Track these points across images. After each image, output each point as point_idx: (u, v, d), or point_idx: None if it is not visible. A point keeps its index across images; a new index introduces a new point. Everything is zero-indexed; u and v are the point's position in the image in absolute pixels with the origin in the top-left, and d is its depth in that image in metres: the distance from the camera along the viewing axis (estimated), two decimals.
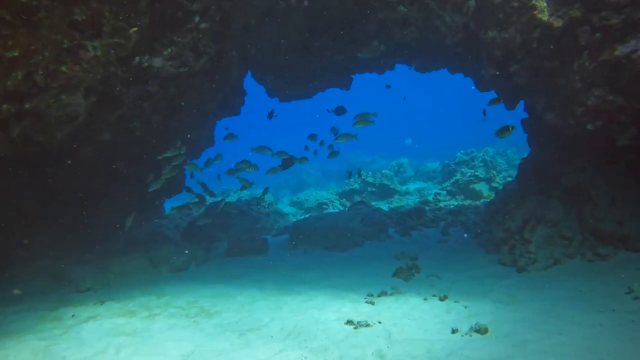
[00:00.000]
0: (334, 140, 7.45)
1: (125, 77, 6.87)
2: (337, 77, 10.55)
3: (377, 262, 8.62)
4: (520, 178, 9.14)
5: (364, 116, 7.24)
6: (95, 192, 8.91)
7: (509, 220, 7.84)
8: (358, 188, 17.85)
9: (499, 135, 6.16)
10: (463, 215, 11.64)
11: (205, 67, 7.65)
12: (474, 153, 17.84)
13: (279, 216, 15.85)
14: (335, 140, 7.40)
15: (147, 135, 8.17)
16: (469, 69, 8.92)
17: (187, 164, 8.10)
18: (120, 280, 7.53)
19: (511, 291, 6.29)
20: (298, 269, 8.44)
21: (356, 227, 10.74)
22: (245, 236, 10.68)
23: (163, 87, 7.56)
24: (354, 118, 7.36)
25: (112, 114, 7.38)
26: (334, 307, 5.96)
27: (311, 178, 29.06)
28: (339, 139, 7.35)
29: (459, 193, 14.77)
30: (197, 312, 5.69)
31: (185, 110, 8.40)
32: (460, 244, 9.42)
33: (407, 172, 21.90)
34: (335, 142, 7.41)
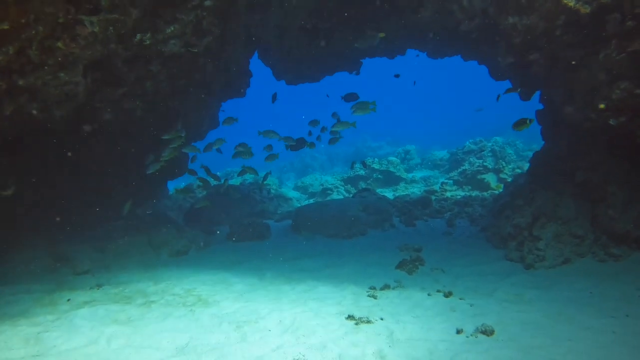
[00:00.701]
0: (331, 128, 7.20)
1: (126, 55, 6.57)
2: (346, 61, 10.16)
3: (380, 252, 8.41)
4: (532, 172, 8.81)
5: (363, 105, 6.95)
6: (96, 171, 8.72)
7: (518, 216, 7.56)
8: (363, 174, 17.57)
9: (516, 128, 5.83)
10: (469, 206, 11.36)
11: (209, 46, 7.31)
12: (482, 143, 17.43)
13: (283, 200, 15.65)
14: (333, 128, 7.16)
15: (148, 115, 7.91)
16: (483, 57, 8.50)
17: (187, 146, 7.84)
18: (119, 262, 7.38)
19: (518, 290, 6.05)
20: (299, 256, 8.26)
21: (360, 215, 10.51)
22: (247, 221, 10.50)
23: (166, 67, 7.26)
24: (352, 107, 7.04)
25: (113, 93, 7.10)
26: (334, 299, 5.77)
27: (317, 162, 28.77)
28: (336, 127, 7.10)
29: (466, 183, 14.45)
30: (194, 300, 5.51)
31: (188, 90, 8.10)
32: (465, 237, 9.17)
33: (413, 159, 21.55)
34: (333, 129, 7.15)
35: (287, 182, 23.79)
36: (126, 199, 10.20)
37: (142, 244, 8.02)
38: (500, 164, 14.37)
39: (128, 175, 9.21)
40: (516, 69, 6.85)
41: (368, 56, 10.60)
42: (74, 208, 8.73)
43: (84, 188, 8.65)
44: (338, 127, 7.09)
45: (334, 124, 7.15)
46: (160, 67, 7.20)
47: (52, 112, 6.43)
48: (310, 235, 10.11)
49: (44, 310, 5.18)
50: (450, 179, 15.22)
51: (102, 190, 9.01)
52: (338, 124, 7.11)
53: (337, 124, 7.11)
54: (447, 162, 18.91)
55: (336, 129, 7.10)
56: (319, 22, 8.51)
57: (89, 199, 8.71)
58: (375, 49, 10.32)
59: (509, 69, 6.92)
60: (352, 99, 7.85)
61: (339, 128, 7.08)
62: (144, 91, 7.45)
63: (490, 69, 8.53)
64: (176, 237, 8.40)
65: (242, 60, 8.86)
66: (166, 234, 8.33)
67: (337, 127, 7.10)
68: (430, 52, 10.57)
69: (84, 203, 8.72)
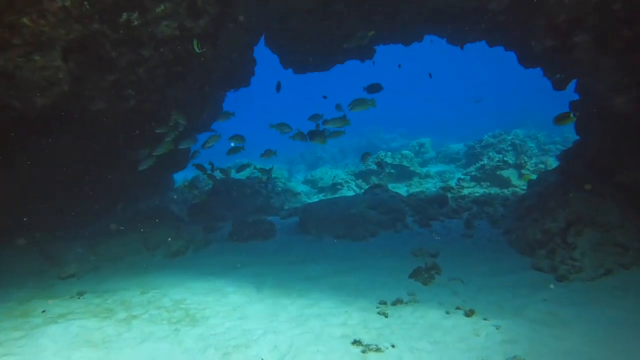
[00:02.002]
0: (323, 125, 6.54)
1: (114, 38, 5.85)
2: (358, 48, 9.27)
3: (392, 257, 7.62)
4: (564, 170, 7.88)
5: (362, 101, 6.33)
6: (93, 165, 8.11)
7: (549, 220, 6.68)
8: (375, 169, 16.71)
9: (558, 122, 4.97)
10: (490, 206, 10.45)
11: (206, 30, 6.55)
12: (502, 135, 16.38)
13: (291, 195, 14.94)
14: (324, 124, 6.50)
15: (143, 104, 7.21)
16: (512, 41, 7.55)
17: (185, 141, 7.13)
18: (109, 264, 6.76)
19: (552, 307, 5.21)
20: (304, 260, 7.53)
21: (371, 215, 9.72)
22: (251, 219, 9.80)
23: (159, 52, 6.52)
24: (349, 104, 6.41)
25: (104, 80, 6.41)
26: (339, 317, 5.02)
27: (327, 154, 27.95)
28: (328, 124, 6.44)
29: (485, 179, 13.50)
30: (181, 316, 4.83)
31: (185, 78, 7.36)
32: (486, 240, 8.31)
33: (428, 152, 20.57)
34: (325, 126, 6.50)
35: (297, 174, 23.06)
36: (125, 193, 9.61)
37: (135, 245, 7.38)
38: (521, 158, 13.37)
39: (125, 169, 8.59)
40: (554, 54, 5.91)
41: (382, 43, 9.70)
42: (70, 204, 8.15)
43: (79, 183, 8.04)
44: (330, 124, 6.42)
45: (325, 121, 6.51)
46: (153, 52, 6.47)
47: (32, 100, 5.78)
48: (317, 236, 9.36)
49: (12, 324, 4.56)
50: (467, 175, 14.27)
51: (99, 185, 8.40)
52: (330, 121, 6.45)
53: (330, 121, 6.45)
54: (463, 156, 17.92)
55: (328, 126, 6.43)
56: (328, 4, 7.65)
57: (85, 195, 8.12)
58: (390, 35, 9.41)
59: (544, 54, 5.99)
60: (375, 90, 7.17)
61: (331, 125, 6.41)
62: (137, 78, 6.74)
63: (520, 55, 7.58)
64: (173, 237, 7.74)
65: (246, 46, 8.07)
66: (163, 234, 7.69)
67: (329, 124, 6.43)
68: (450, 38, 9.61)
69: (79, 199, 8.13)
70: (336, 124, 6.42)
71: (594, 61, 5.37)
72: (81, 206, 8.09)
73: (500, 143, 15.76)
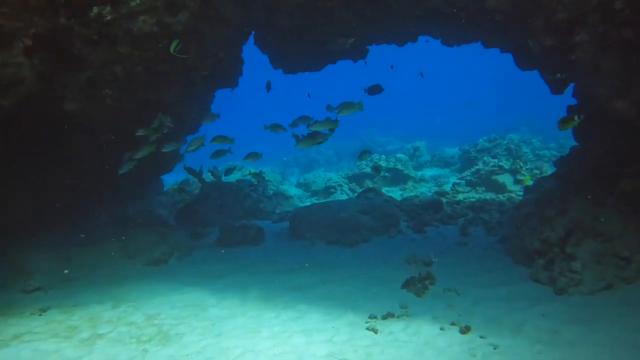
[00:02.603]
0: (308, 127, 6.25)
1: (86, 34, 5.47)
2: (351, 47, 8.92)
3: (385, 265, 7.26)
4: (562, 176, 7.56)
5: (349, 105, 6.08)
6: (69, 166, 7.70)
7: (547, 228, 6.34)
8: (370, 172, 16.36)
9: (563, 126, 4.64)
10: (485, 212, 10.12)
11: (188, 26, 6.18)
12: (497, 140, 16.10)
13: (283, 198, 14.54)
14: (310, 127, 6.21)
15: (122, 105, 6.82)
16: (510, 42, 7.23)
17: (167, 144, 6.72)
18: (84, 275, 6.34)
19: (552, 324, 4.87)
20: (292, 268, 7.15)
21: (364, 220, 9.36)
22: (239, 224, 9.41)
23: (138, 49, 6.14)
24: (337, 107, 6.16)
25: (75, 78, 6.02)
26: (326, 333, 4.65)
27: (322, 157, 27.58)
28: (314, 126, 6.17)
29: (480, 184, 13.18)
30: (152, 333, 4.44)
31: (168, 77, 6.98)
32: (482, 249, 7.97)
33: (423, 156, 20.26)
34: (311, 128, 6.23)
35: (290, 177, 22.68)
36: (107, 197, 9.17)
37: (116, 252, 6.97)
38: (517, 163, 13.07)
39: (107, 173, 8.18)
40: (552, 55, 5.59)
41: (375, 43, 9.36)
42: (45, 210, 7.72)
43: (55, 187, 7.62)
44: (316, 126, 6.11)
45: (312, 123, 6.22)
46: (131, 49, 6.08)
47: None
48: (308, 242, 8.98)
49: None
50: (462, 179, 13.96)
51: (77, 189, 7.98)
52: (316, 123, 6.16)
53: (316, 124, 6.15)
54: (458, 160, 17.61)
55: (315, 128, 6.13)
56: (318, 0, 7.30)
57: (61, 199, 7.69)
58: (383, 35, 9.08)
59: (542, 54, 5.67)
60: (376, 92, 7.00)
61: (317, 128, 6.11)
62: (114, 77, 6.35)
63: (517, 56, 7.26)
64: (155, 243, 7.34)
65: (233, 44, 7.70)
66: (144, 240, 7.28)
67: (315, 127, 6.13)
68: (445, 39, 9.30)
69: (55, 204, 7.70)
70: (324, 126, 6.07)
71: (594, 62, 5.06)
72: (57, 212, 7.67)
73: (496, 147, 15.48)
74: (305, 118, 6.78)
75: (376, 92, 7.05)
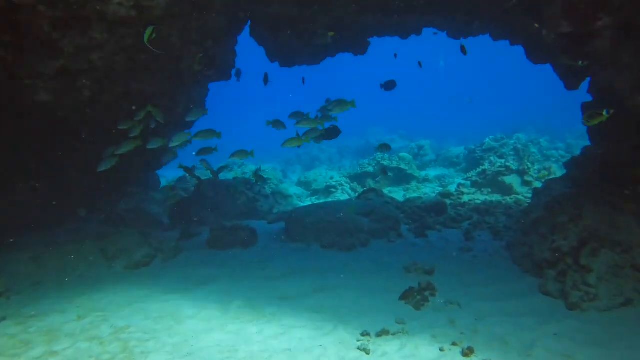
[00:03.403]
0: (295, 125, 5.81)
1: (53, 16, 4.96)
2: (351, 39, 8.38)
3: (383, 272, 6.73)
4: (574, 179, 6.97)
5: (341, 102, 5.70)
6: (47, 161, 7.23)
7: (559, 236, 5.77)
8: (372, 171, 15.81)
9: (588, 122, 4.06)
10: (491, 215, 9.55)
11: (169, 11, 5.66)
12: (504, 140, 15.47)
13: (282, 198, 14.04)
14: (296, 124, 5.78)
15: (102, 97, 6.33)
16: (521, 33, 6.64)
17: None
18: (55, 279, 5.87)
19: (566, 345, 4.32)
20: (283, 274, 6.63)
21: (363, 222, 8.82)
22: (231, 224, 8.90)
23: (115, 35, 5.63)
24: (328, 106, 5.79)
25: (46, 67, 5.53)
26: (311, 353, 4.13)
27: (324, 155, 27.03)
28: (299, 124, 5.75)
29: (486, 185, 12.58)
30: (116, 351, 3.93)
31: (151, 67, 6.47)
32: (487, 255, 7.40)
33: (427, 155, 19.67)
34: (296, 125, 5.81)
35: (292, 175, 22.17)
36: (91, 194, 8.71)
37: (94, 253, 6.49)
38: (524, 164, 12.44)
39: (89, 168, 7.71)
40: (568, 44, 5.00)
41: (376, 35, 8.79)
42: (20, 208, 7.27)
43: (31, 183, 7.16)
44: (303, 124, 5.65)
45: (299, 121, 5.78)
46: (108, 35, 5.57)
47: None
48: (303, 245, 8.47)
49: None
50: (467, 180, 13.36)
51: (57, 185, 7.52)
52: (304, 121, 5.70)
53: (303, 121, 5.69)
54: (463, 160, 17.00)
55: (299, 126, 5.68)
56: None
57: (39, 196, 7.24)
58: (384, 28, 8.51)
59: (557, 44, 5.08)
60: (391, 87, 6.81)
61: (304, 125, 5.65)
62: (91, 66, 5.85)
63: (529, 48, 6.67)
64: (137, 245, 6.85)
65: (223, 33, 7.17)
66: (125, 241, 6.79)
67: (302, 124, 5.66)
68: (451, 31, 8.71)
69: (31, 201, 7.25)
70: (308, 124, 5.60)
71: (615, 53, 4.48)
72: (36, 210, 7.22)
73: (503, 147, 14.86)
74: (298, 114, 6.26)
75: (391, 87, 6.83)
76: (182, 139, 6.08)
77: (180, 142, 6.17)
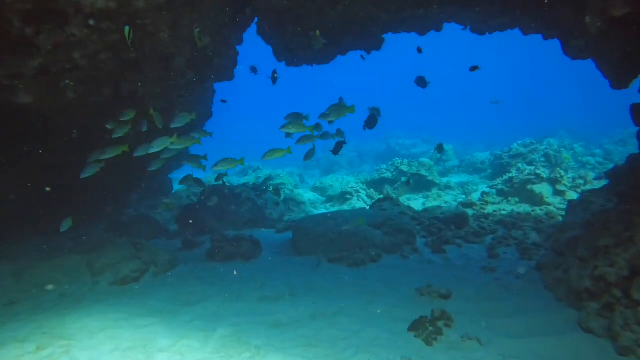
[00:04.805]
0: (279, 129, 5.18)
1: (23, 9, 4.43)
2: (364, 35, 7.60)
3: (392, 295, 5.89)
4: (619, 192, 5.94)
5: (338, 108, 5.10)
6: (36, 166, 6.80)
7: (603, 263, 4.79)
8: (390, 177, 14.93)
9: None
10: (518, 229, 8.53)
11: (154, 3, 5.05)
12: (534, 145, 14.26)
13: (295, 204, 13.34)
14: (281, 128, 5.19)
15: (88, 98, 5.81)
16: (557, 24, 5.68)
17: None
18: (32, 296, 5.34)
19: None
20: (280, 295, 5.89)
21: (374, 235, 8.00)
22: (234, 234, 8.27)
23: (97, 31, 5.08)
24: (325, 112, 5.16)
25: (24, 66, 5.02)
26: None
27: (344, 159, 26.23)
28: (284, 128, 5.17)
29: (513, 194, 11.48)
30: None
31: (141, 66, 5.90)
32: (514, 277, 6.44)
33: (450, 160, 18.61)
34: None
35: (309, 180, 21.49)
36: (96, 200, 8.27)
37: (79, 267, 5.95)
38: (557, 172, 11.27)
39: None
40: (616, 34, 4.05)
41: (391, 31, 7.97)
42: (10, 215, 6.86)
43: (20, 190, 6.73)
44: (289, 128, 5.00)
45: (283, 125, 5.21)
46: (88, 31, 5.01)
47: None
48: (308, 258, 7.74)
49: None
50: (493, 188, 12.28)
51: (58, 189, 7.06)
52: (290, 125, 5.06)
53: (289, 125, 5.06)
54: (489, 166, 15.86)
55: (286, 130, 5.02)
56: None
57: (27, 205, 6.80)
58: (401, 22, 7.69)
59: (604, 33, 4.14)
60: (424, 84, 6.58)
61: (289, 130, 5.00)
62: (73, 65, 5.31)
63: (566, 42, 5.70)
64: (126, 257, 6.28)
65: (221, 28, 6.54)
66: (114, 253, 6.23)
67: (287, 129, 5.02)
68: (474, 26, 7.79)
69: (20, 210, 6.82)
70: (307, 141, 4.95)
71: None
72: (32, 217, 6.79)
73: (532, 153, 13.68)
74: (297, 115, 5.53)
75: (424, 84, 6.56)
76: (162, 145, 5.44)
77: (161, 148, 5.52)
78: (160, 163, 6.00)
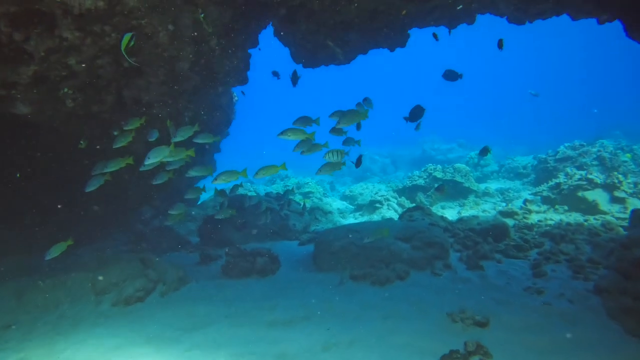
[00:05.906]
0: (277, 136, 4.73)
1: (4, 12, 4.13)
2: (386, 32, 6.91)
3: (418, 321, 5.10)
4: None
5: (350, 114, 4.72)
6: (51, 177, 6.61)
7: None
8: (423, 184, 13.98)
9: None
10: (569, 242, 7.43)
11: (148, 1, 4.64)
12: (584, 147, 12.86)
13: (321, 214, 12.71)
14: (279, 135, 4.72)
15: (89, 107, 5.49)
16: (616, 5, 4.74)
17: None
18: (31, 319, 5.02)
19: None
20: (292, 319, 5.25)
21: (402, 249, 7.21)
22: (251, 248, 7.75)
23: (90, 34, 4.73)
24: (340, 114, 4.78)
25: (18, 74, 4.75)
26: None
27: (376, 165, 25.36)
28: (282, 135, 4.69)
29: (561, 202, 10.26)
30: None
31: (143, 71, 5.53)
32: (567, 302, 5.45)
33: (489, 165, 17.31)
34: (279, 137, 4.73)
35: (340, 188, 20.79)
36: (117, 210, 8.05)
37: (83, 285, 5.61)
38: (614, 176, 9.95)
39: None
40: None
41: (417, 26, 7.23)
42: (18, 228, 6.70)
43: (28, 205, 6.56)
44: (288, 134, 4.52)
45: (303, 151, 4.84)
46: (81, 34, 4.67)
47: None
48: (329, 275, 7.07)
49: None
50: (537, 195, 11.08)
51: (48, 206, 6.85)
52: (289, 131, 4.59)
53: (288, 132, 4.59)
54: (532, 170, 14.52)
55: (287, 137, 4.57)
56: None
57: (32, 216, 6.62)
58: (430, 12, 6.92)
59: None
60: (455, 78, 6.20)
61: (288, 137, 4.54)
62: (69, 72, 5.00)
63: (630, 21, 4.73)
64: (132, 275, 5.89)
65: (230, 29, 6.07)
66: (119, 270, 5.86)
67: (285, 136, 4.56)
68: (512, 16, 6.90)
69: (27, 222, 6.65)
70: (313, 150, 4.41)
71: None
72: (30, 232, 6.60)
73: (582, 156, 12.31)
74: (306, 119, 4.93)
75: (454, 78, 6.18)
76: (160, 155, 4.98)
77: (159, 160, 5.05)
78: (166, 176, 5.57)
